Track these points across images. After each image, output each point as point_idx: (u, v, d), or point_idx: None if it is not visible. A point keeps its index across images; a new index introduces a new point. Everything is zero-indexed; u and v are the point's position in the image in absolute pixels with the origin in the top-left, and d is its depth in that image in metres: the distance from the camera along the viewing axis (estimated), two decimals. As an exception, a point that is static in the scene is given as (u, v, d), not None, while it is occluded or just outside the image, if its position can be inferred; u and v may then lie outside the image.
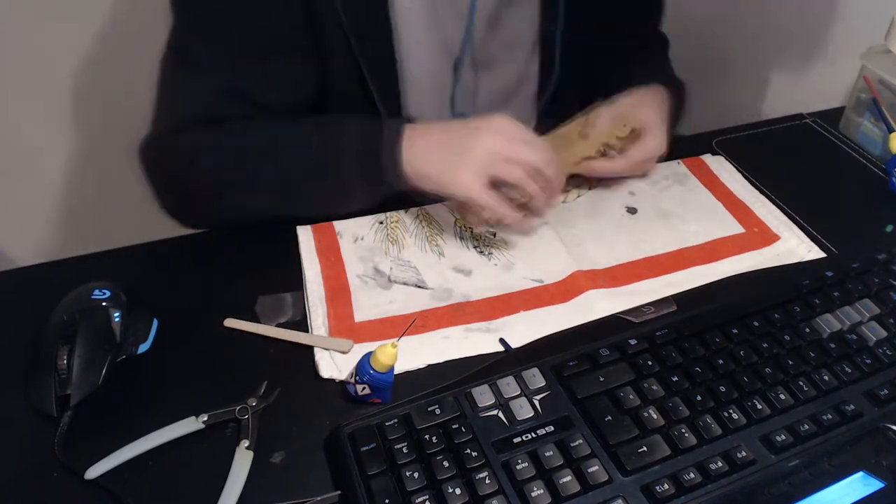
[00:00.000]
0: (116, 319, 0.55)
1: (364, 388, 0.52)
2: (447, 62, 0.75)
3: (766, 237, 0.70)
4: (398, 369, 0.55)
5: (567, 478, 0.46)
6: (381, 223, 0.70)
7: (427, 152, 0.63)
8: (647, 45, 0.87)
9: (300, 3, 0.65)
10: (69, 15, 1.01)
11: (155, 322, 0.59)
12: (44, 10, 0.99)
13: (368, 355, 0.51)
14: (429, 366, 0.56)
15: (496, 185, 0.63)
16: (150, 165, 0.68)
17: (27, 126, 1.10)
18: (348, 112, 0.73)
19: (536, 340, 0.58)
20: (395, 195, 0.66)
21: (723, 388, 0.52)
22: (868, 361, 0.55)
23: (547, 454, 0.47)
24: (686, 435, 0.49)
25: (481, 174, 0.61)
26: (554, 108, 0.82)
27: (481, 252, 0.68)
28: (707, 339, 0.55)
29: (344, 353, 0.57)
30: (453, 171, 0.62)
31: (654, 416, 0.50)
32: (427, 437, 0.48)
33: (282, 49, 0.66)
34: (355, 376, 0.52)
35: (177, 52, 0.67)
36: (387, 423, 0.49)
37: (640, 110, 0.72)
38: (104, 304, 0.56)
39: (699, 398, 0.51)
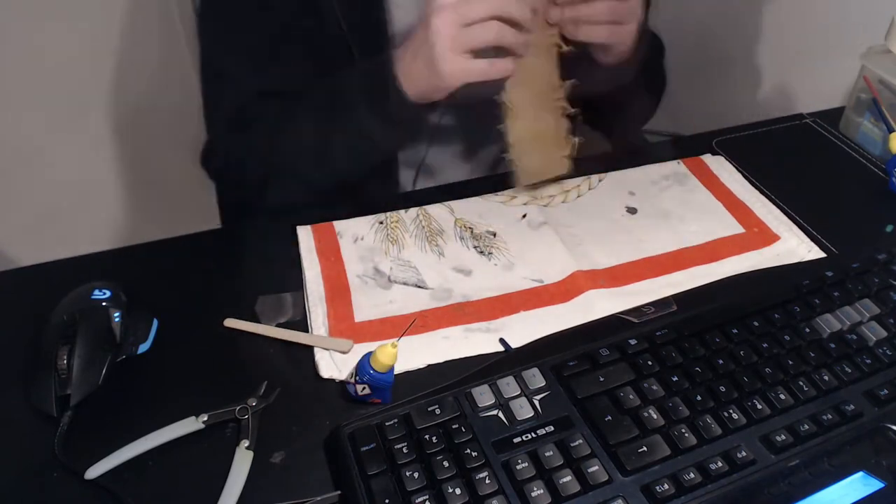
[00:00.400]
0: (116, 319, 0.55)
1: (364, 388, 0.52)
2: None
3: (766, 237, 0.70)
4: (398, 369, 0.55)
5: (567, 478, 0.46)
6: (382, 223, 0.70)
7: (411, 75, 0.64)
8: None
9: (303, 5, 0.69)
10: (70, 15, 1.02)
11: (155, 322, 0.59)
12: (44, 11, 0.99)
13: (368, 355, 0.51)
14: (429, 366, 0.56)
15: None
16: (216, 171, 0.80)
17: (28, 126, 1.10)
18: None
19: (536, 340, 0.58)
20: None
21: (723, 388, 0.52)
22: (868, 361, 0.55)
23: (547, 454, 0.47)
24: (686, 435, 0.49)
25: (458, 55, 0.60)
26: None
27: (481, 252, 0.68)
28: (707, 339, 0.55)
29: (344, 352, 0.57)
30: (438, 80, 0.61)
31: (654, 416, 0.50)
32: (427, 437, 0.48)
33: (294, 46, 0.71)
34: (355, 376, 0.52)
35: (207, 67, 0.75)
36: (387, 423, 0.49)
37: None
38: (104, 304, 0.56)
39: (699, 398, 0.51)
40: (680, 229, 0.71)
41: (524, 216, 0.72)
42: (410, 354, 0.57)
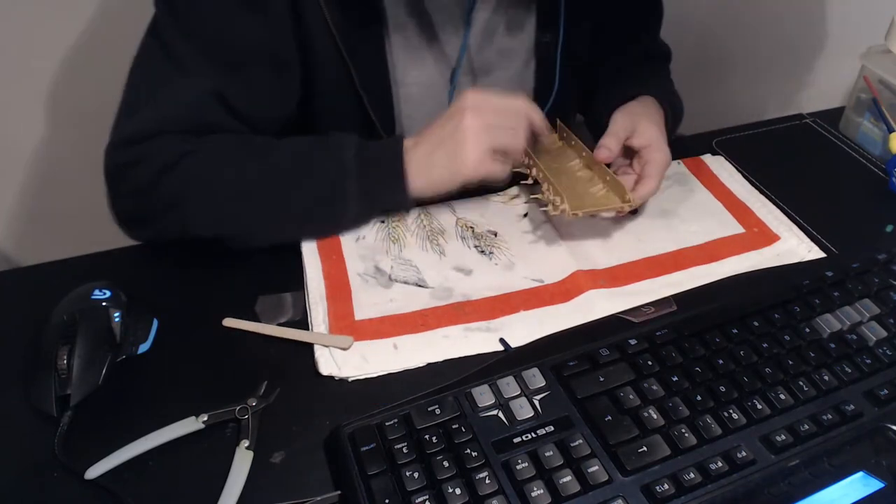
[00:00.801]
0: (116, 319, 0.55)
1: None
2: (443, 72, 0.75)
3: (766, 237, 0.70)
4: (398, 368, 0.55)
5: (567, 478, 0.46)
6: (383, 222, 0.70)
7: (427, 164, 0.65)
8: (647, 56, 0.86)
9: (287, 14, 0.64)
10: (72, 14, 1.01)
11: (155, 322, 0.59)
12: (46, 10, 0.99)
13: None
14: (429, 365, 0.56)
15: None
16: (117, 168, 0.64)
17: (27, 126, 1.10)
18: (340, 123, 0.72)
19: (536, 340, 0.58)
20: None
21: (723, 388, 0.52)
22: (868, 361, 0.55)
23: (547, 454, 0.47)
24: (686, 435, 0.49)
25: (483, 153, 0.63)
26: (550, 116, 0.82)
27: (482, 251, 0.68)
28: (707, 339, 0.55)
29: (344, 349, 0.57)
30: (459, 166, 0.64)
31: (654, 416, 0.50)
32: (427, 437, 0.48)
33: (268, 58, 0.65)
34: None
35: (158, 48, 0.63)
36: (387, 423, 0.49)
37: (640, 126, 0.71)
38: (104, 304, 0.56)
39: (699, 398, 0.51)
40: (680, 229, 0.71)
41: (525, 215, 0.72)
42: (410, 353, 0.57)
